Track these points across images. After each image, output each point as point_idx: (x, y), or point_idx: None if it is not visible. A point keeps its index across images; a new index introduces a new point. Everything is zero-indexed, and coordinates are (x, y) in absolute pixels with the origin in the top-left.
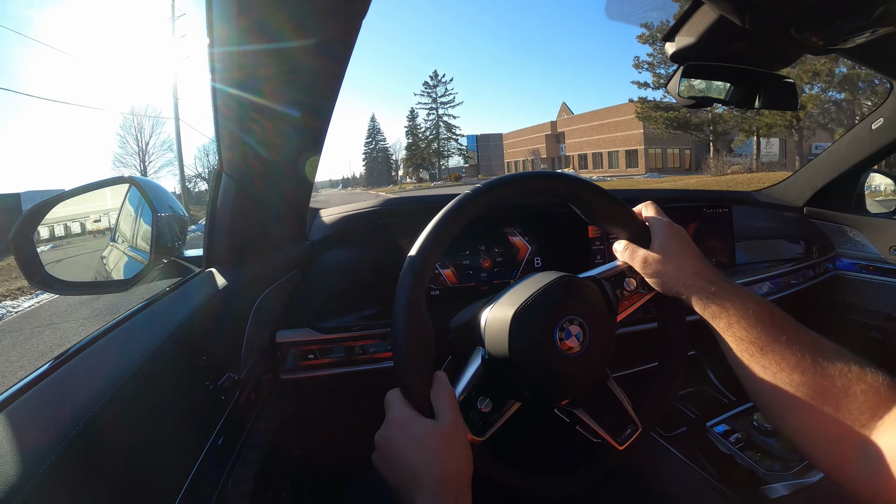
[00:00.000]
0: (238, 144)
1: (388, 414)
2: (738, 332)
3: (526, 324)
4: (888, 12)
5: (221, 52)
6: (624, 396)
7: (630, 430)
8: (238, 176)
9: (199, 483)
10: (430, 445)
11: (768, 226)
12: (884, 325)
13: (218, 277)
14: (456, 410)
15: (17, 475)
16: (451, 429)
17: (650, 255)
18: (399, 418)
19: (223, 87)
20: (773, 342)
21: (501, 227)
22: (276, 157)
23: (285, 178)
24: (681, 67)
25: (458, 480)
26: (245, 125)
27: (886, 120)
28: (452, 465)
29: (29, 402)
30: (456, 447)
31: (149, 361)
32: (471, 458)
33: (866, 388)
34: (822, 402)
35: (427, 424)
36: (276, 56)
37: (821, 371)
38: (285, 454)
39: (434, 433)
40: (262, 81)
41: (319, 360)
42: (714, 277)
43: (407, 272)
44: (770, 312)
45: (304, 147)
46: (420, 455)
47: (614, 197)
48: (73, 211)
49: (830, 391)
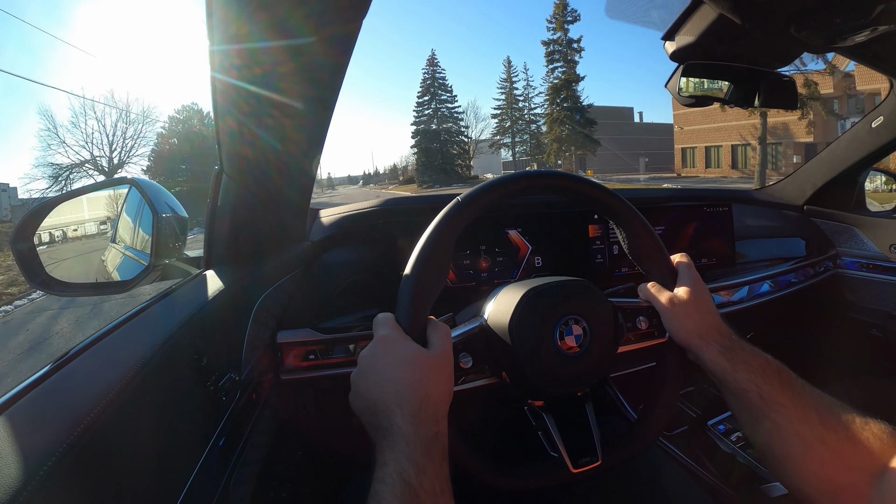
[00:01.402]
0: (238, 145)
1: (377, 332)
2: (746, 386)
3: (534, 305)
4: (887, 11)
5: (221, 50)
6: (596, 427)
7: (589, 459)
8: (238, 176)
9: (200, 484)
10: (418, 367)
11: (769, 224)
12: (884, 324)
13: (218, 278)
14: (450, 345)
15: (17, 478)
16: (441, 359)
17: (675, 299)
18: (390, 336)
19: (223, 87)
20: (780, 397)
21: (502, 227)
22: (276, 158)
23: (285, 179)
24: (681, 66)
25: (438, 406)
26: (245, 125)
27: (886, 118)
28: (436, 391)
29: (29, 403)
30: (442, 377)
31: (149, 363)
32: (452, 392)
33: (870, 437)
34: (829, 454)
35: (416, 348)
36: (277, 53)
37: (825, 423)
38: (286, 455)
39: (423, 358)
40: (262, 80)
41: (320, 360)
42: (728, 333)
43: (453, 207)
44: (778, 369)
45: (305, 147)
46: (406, 374)
47: (658, 239)
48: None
49: (836, 443)
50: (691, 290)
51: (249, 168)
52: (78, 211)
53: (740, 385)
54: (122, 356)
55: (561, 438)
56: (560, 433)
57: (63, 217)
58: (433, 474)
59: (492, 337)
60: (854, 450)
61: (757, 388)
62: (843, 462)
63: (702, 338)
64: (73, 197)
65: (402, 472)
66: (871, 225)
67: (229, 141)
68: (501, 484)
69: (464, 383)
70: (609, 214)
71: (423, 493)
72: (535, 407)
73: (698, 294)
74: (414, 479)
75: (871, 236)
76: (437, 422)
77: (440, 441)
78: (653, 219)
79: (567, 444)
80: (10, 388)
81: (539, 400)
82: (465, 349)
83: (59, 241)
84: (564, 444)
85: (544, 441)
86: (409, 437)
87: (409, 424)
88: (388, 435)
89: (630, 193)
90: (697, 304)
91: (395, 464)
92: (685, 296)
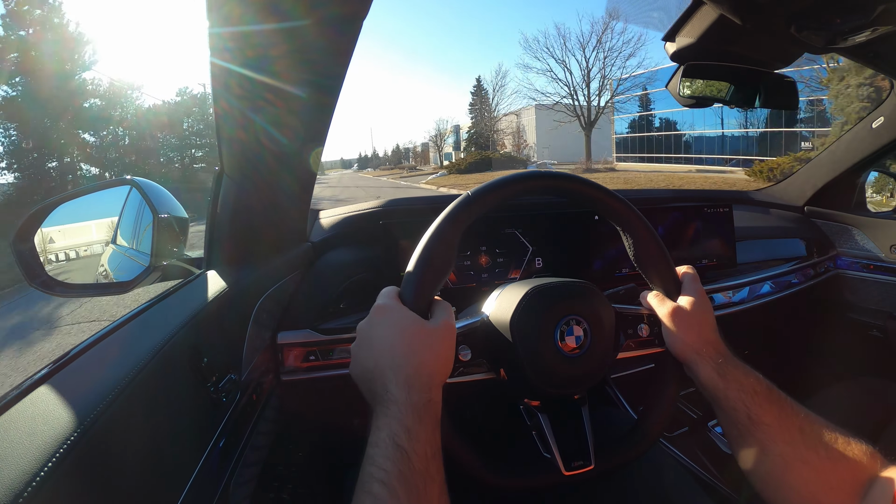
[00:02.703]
0: (239, 146)
1: (378, 302)
2: (736, 405)
3: (536, 303)
4: (887, 11)
5: (220, 48)
6: (591, 431)
7: (582, 463)
8: (238, 177)
9: (201, 484)
10: (414, 336)
11: (769, 225)
12: (885, 324)
13: (219, 279)
14: (452, 319)
15: (18, 478)
16: (441, 329)
17: (678, 311)
18: (387, 305)
19: (223, 88)
20: (766, 416)
21: (502, 228)
22: (276, 160)
23: (286, 180)
24: (681, 67)
25: (433, 376)
26: (246, 126)
27: (887, 119)
28: (432, 360)
29: (30, 404)
30: (440, 347)
31: (150, 364)
32: (450, 366)
33: (851, 457)
34: (811, 473)
35: (414, 317)
36: (278, 50)
37: (808, 444)
38: (286, 455)
39: (419, 327)
40: (262, 79)
41: (320, 361)
42: (724, 350)
43: (465, 197)
44: (768, 388)
45: (306, 148)
46: (400, 342)
47: (664, 248)
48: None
49: (818, 462)
50: (694, 304)
51: (250, 169)
52: (86, 234)
53: (731, 403)
54: (122, 356)
55: (555, 439)
56: (554, 434)
57: (73, 240)
58: (425, 440)
59: (493, 333)
60: (835, 469)
61: (746, 407)
62: (825, 482)
63: (698, 353)
64: (73, 198)
65: (394, 436)
66: (871, 225)
67: (230, 142)
68: (493, 481)
69: (461, 375)
70: (615, 220)
71: (414, 455)
72: (531, 406)
73: (700, 308)
74: (406, 443)
75: (871, 237)
76: (430, 389)
77: (432, 408)
78: (653, 219)
79: (560, 446)
80: (11, 387)
81: (536, 399)
82: (465, 342)
83: (73, 259)
84: (558, 445)
85: (538, 441)
86: (402, 403)
87: (401, 391)
88: (382, 401)
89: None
90: (698, 318)
91: (388, 428)
92: (687, 308)
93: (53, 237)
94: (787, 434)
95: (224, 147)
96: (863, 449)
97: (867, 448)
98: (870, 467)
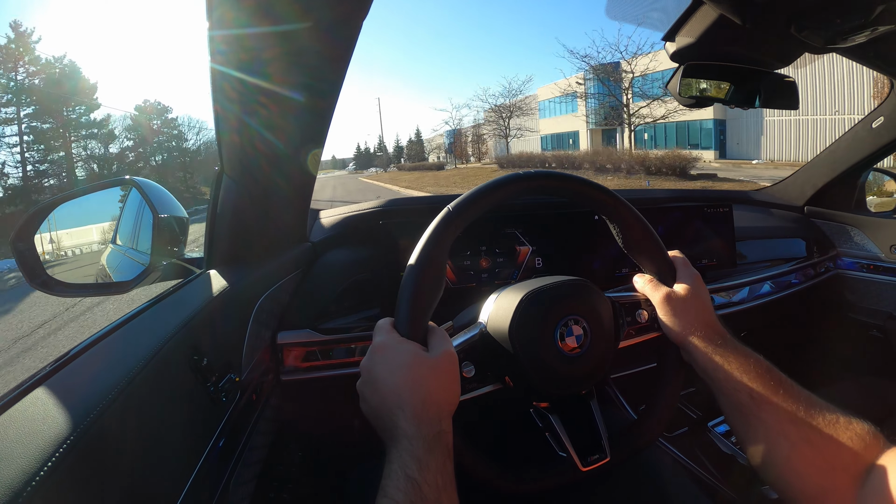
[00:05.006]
0: (238, 146)
1: (375, 339)
2: (736, 384)
3: (532, 308)
4: (887, 11)
5: (220, 47)
6: (602, 423)
7: (598, 457)
8: (239, 177)
9: (200, 484)
10: (416, 369)
11: (769, 225)
12: (885, 324)
13: (219, 279)
14: (450, 346)
15: (18, 477)
16: (442, 360)
17: (673, 295)
18: (385, 342)
19: (223, 88)
20: (769, 396)
21: (502, 228)
22: (276, 160)
23: (286, 180)
24: (681, 67)
25: (441, 406)
26: (245, 127)
27: (887, 119)
28: (438, 390)
29: (30, 404)
30: (444, 377)
31: (150, 363)
32: (458, 393)
33: (853, 437)
34: (814, 454)
35: (414, 350)
36: (278, 51)
37: (810, 423)
38: (286, 455)
39: (421, 359)
40: (262, 80)
41: (320, 361)
42: (722, 331)
43: (446, 213)
44: (768, 369)
45: (305, 148)
46: (403, 378)
47: (654, 232)
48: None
49: (821, 442)
50: (690, 287)
51: (250, 169)
52: (86, 234)
53: (732, 384)
54: (122, 356)
55: (568, 438)
56: (567, 433)
57: (73, 239)
58: (436, 469)
59: (492, 343)
60: (838, 450)
61: (747, 388)
62: (828, 463)
63: (696, 336)
64: (73, 198)
65: (405, 468)
66: (871, 225)
67: (230, 142)
68: (511, 488)
69: (468, 392)
70: (599, 209)
71: (426, 485)
72: (541, 408)
73: (697, 291)
74: (416, 474)
75: (871, 237)
76: (440, 421)
77: (443, 439)
78: (653, 219)
79: (575, 443)
80: (11, 387)
81: (544, 402)
82: (466, 358)
83: (73, 258)
84: (572, 443)
85: (552, 442)
86: (412, 437)
87: (410, 425)
88: (393, 437)
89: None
90: (695, 301)
91: (399, 461)
92: (683, 292)
93: (53, 237)
94: (791, 413)
95: (224, 147)
96: (864, 429)
97: (869, 428)
98: (872, 446)
